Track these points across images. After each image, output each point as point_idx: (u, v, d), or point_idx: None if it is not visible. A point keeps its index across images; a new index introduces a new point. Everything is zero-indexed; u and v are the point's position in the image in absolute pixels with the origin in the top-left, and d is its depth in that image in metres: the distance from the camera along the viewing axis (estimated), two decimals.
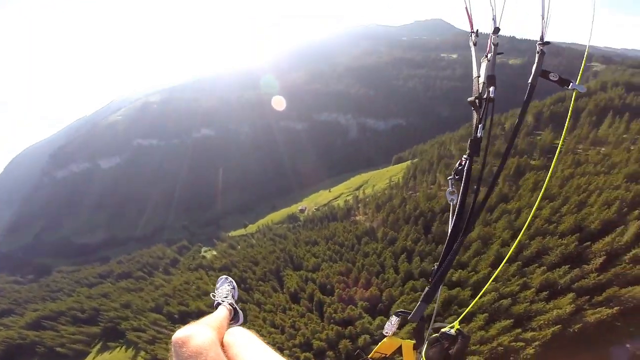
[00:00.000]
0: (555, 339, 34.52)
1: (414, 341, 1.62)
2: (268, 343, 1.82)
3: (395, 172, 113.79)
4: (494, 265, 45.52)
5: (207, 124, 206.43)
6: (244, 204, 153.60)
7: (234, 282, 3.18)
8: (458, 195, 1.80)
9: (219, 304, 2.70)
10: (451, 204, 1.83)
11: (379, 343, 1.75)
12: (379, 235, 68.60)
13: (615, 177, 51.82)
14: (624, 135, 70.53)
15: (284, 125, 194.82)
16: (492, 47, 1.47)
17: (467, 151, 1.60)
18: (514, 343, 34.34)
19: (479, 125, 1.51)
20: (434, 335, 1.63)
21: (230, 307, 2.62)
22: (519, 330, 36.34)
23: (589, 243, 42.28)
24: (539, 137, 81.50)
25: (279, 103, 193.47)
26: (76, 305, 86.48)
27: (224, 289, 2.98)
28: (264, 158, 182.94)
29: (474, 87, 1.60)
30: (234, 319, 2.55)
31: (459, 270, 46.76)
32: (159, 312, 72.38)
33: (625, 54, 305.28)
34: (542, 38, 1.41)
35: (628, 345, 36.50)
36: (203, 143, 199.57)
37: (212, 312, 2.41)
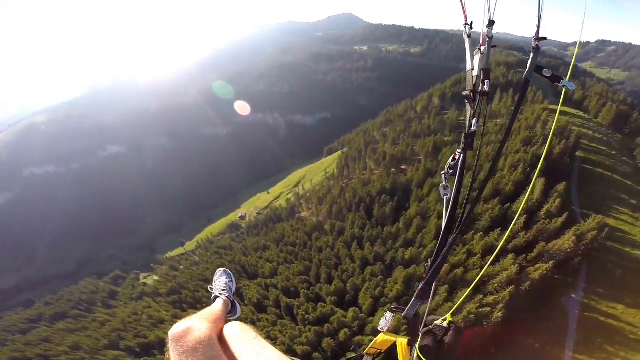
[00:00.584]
0: (513, 299, 37.78)
1: (408, 337, 1.60)
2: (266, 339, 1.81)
3: (329, 163, 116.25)
4: (437, 237, 49.08)
5: (114, 140, 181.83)
6: (175, 222, 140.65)
7: (231, 274, 3.02)
8: (452, 190, 1.79)
9: (216, 297, 2.64)
10: (444, 198, 1.83)
11: (375, 339, 1.73)
12: (327, 228, 69.01)
13: (514, 143, 60.68)
14: (512, 108, 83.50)
15: (206, 133, 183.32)
16: (486, 39, 1.52)
17: (461, 146, 1.58)
18: (481, 309, 37.01)
19: (473, 120, 1.51)
20: (426, 328, 1.62)
21: (228, 300, 2.56)
22: (480, 296, 39.62)
23: (508, 204, 48.75)
24: (446, 116, 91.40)
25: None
26: (18, 355, 70.29)
27: (221, 282, 2.87)
28: (188, 170, 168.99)
29: (467, 80, 1.61)
30: (231, 312, 2.50)
31: (410, 248, 49.41)
32: (116, 349, 62.84)
33: (500, 37, 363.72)
34: (537, 34, 1.48)
35: (574, 296, 42.99)
36: (113, 162, 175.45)
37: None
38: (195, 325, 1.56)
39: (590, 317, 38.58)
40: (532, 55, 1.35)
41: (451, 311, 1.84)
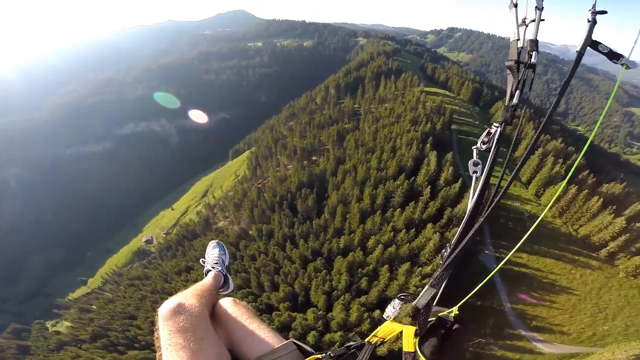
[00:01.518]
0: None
1: (415, 327, 1.52)
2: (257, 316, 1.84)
3: (237, 165, 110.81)
4: (362, 220, 51.77)
5: None
6: (66, 259, 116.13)
7: (224, 246, 2.90)
8: (483, 167, 1.60)
9: (208, 270, 2.58)
10: (473, 177, 1.64)
11: (378, 327, 1.64)
12: (253, 234, 65.79)
13: (404, 124, 68.01)
14: (396, 92, 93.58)
15: (75, 153, 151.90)
16: (537, 11, 1.46)
17: (500, 119, 1.48)
18: (424, 281, 39.55)
19: (516, 92, 1.42)
20: (431, 320, 1.56)
21: (220, 274, 2.49)
22: (419, 268, 42.78)
23: (413, 178, 54.43)
24: (343, 105, 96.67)
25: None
26: None
27: (214, 255, 2.77)
28: (59, 200, 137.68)
29: (511, 50, 1.55)
30: (223, 286, 2.43)
31: (342, 237, 50.48)
32: None
33: (375, 28, 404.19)
34: (594, 6, 1.42)
35: (487, 252, 49.79)
36: None
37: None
38: (185, 302, 1.53)
39: (507, 269, 44.31)
40: (587, 28, 1.28)
41: (459, 304, 1.71)
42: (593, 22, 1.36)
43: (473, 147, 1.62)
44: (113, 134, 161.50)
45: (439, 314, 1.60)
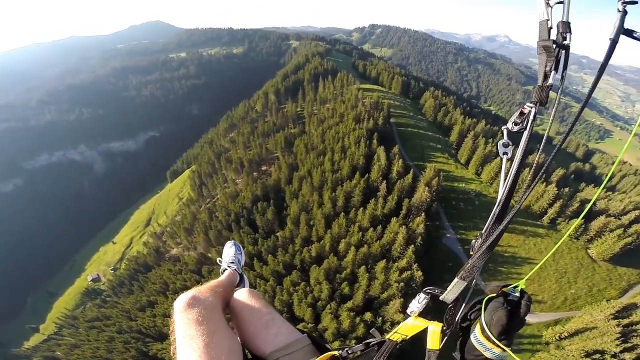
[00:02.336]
0: (418, 255, 42.83)
1: (442, 324, 1.41)
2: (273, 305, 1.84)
3: (178, 187, 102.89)
4: (328, 225, 51.40)
5: None
6: (5, 308, 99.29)
7: (241, 247, 2.94)
8: (514, 149, 1.47)
9: (225, 269, 2.64)
10: (503, 158, 1.48)
11: (401, 323, 1.57)
12: (214, 258, 61.38)
13: (348, 122, 69.48)
14: (335, 92, 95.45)
15: None
16: None
17: (534, 99, 1.37)
18: (404, 275, 40.13)
19: (552, 72, 1.32)
20: (497, 297, 1.37)
21: (236, 272, 2.55)
22: (394, 264, 43.21)
23: (367, 175, 55.70)
24: (286, 110, 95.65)
25: None
26: None
27: (230, 253, 2.82)
28: None
29: (540, 31, 1.42)
30: (239, 285, 2.46)
31: (312, 245, 49.32)
32: None
33: (305, 30, 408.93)
34: None
35: (448, 235, 52.44)
36: None
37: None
38: (200, 296, 1.60)
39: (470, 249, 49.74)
40: (619, 18, 1.21)
41: (525, 278, 1.53)
42: (624, 13, 1.28)
43: (503, 128, 1.47)
44: (23, 169, 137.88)
45: (504, 289, 1.38)
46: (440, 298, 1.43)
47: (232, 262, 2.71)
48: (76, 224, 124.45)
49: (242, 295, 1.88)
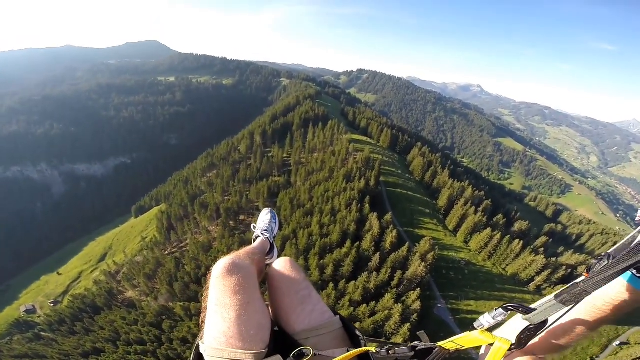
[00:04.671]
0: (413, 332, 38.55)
1: (512, 341, 1.26)
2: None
3: (143, 225, 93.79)
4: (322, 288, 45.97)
5: None
6: None
7: (276, 215, 2.86)
8: None
9: (257, 236, 2.58)
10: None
11: (461, 334, 1.41)
12: (179, 312, 53.84)
13: (338, 180, 65.91)
14: (324, 140, 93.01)
15: None
16: None
17: None
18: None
19: None
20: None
21: (267, 241, 2.49)
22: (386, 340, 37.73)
23: (358, 243, 51.30)
24: (271, 155, 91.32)
25: None
26: None
27: (265, 221, 2.73)
28: None
29: None
30: (269, 254, 2.42)
31: None
32: None
33: (296, 68, 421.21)
34: None
35: (439, 305, 48.84)
36: None
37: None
38: (240, 263, 1.55)
39: (462, 318, 45.93)
40: None
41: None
42: None
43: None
44: None
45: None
46: (523, 318, 1.27)
47: (266, 230, 2.59)
48: (18, 246, 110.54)
49: (283, 264, 1.81)
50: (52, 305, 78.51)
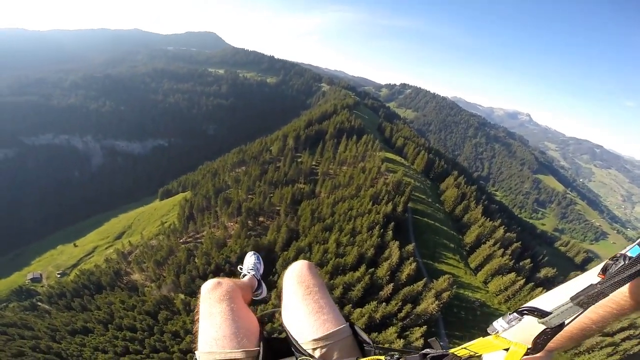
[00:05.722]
0: None
1: (528, 346, 1.21)
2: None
3: (165, 209, 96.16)
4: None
5: None
6: None
7: (259, 257, 3.14)
8: None
9: (244, 275, 2.81)
10: None
11: (474, 340, 1.37)
12: (178, 306, 53.65)
13: (365, 200, 63.66)
14: (356, 155, 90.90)
15: None
16: None
17: None
18: None
19: None
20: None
21: (254, 278, 2.68)
22: None
23: (373, 270, 48.92)
24: (300, 161, 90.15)
25: None
26: None
27: (250, 261, 2.99)
28: None
29: None
30: (257, 290, 2.59)
31: None
32: None
33: (338, 75, 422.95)
34: None
35: (442, 343, 45.36)
36: None
37: None
38: (223, 282, 1.77)
39: None
40: None
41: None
42: None
43: None
44: (21, 142, 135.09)
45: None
46: (540, 321, 1.21)
47: (252, 269, 2.83)
48: (45, 212, 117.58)
49: (300, 269, 1.81)
50: (58, 276, 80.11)
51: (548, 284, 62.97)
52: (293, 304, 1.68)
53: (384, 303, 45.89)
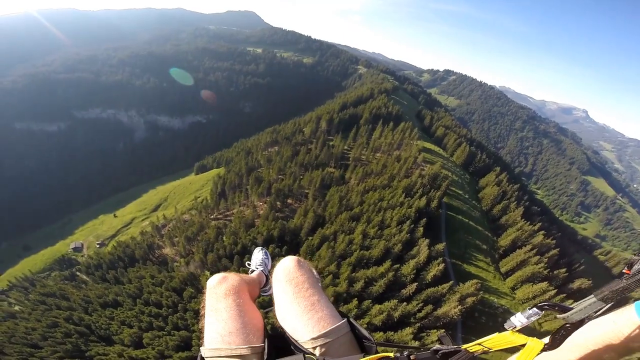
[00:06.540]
0: None
1: (545, 342, 1.18)
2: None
3: (199, 184, 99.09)
4: (335, 304, 43.47)
5: None
6: None
7: (268, 252, 3.13)
8: None
9: (253, 270, 2.83)
10: None
11: (490, 336, 1.34)
12: (204, 284, 54.56)
13: (397, 192, 60.88)
14: (392, 142, 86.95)
15: (27, 128, 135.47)
16: None
17: None
18: None
19: None
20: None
21: (262, 274, 2.69)
22: None
23: (399, 266, 47.05)
24: (332, 145, 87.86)
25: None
26: None
27: (258, 257, 3.00)
28: None
29: None
30: (265, 286, 2.59)
31: None
32: None
33: (376, 57, 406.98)
34: None
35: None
36: None
37: None
38: (229, 277, 1.77)
39: None
40: None
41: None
42: None
43: None
44: (73, 116, 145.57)
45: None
46: (560, 317, 1.18)
47: (260, 265, 2.82)
48: (90, 182, 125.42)
49: (289, 266, 1.77)
50: (98, 246, 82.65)
51: (580, 296, 57.36)
52: (284, 303, 1.64)
53: (404, 302, 44.19)
